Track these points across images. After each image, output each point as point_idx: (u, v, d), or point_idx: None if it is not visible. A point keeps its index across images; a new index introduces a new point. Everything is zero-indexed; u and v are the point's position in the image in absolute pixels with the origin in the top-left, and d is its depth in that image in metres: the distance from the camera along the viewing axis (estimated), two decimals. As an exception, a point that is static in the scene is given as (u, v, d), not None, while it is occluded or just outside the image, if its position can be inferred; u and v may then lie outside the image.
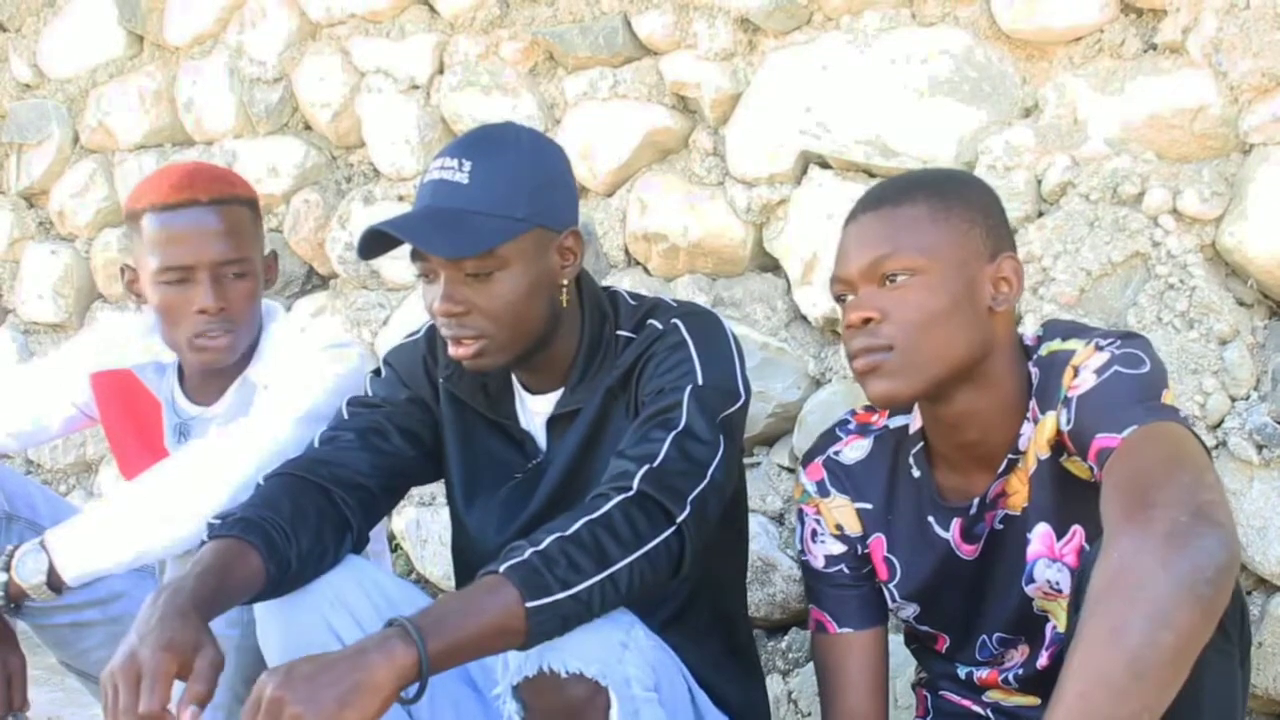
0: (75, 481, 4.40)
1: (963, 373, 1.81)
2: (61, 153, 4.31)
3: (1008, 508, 1.87)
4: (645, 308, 2.12)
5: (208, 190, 2.34)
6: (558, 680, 1.74)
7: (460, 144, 2.04)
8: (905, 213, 1.83)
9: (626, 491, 1.83)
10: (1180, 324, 2.32)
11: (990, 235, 1.84)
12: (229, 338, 2.36)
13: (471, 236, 1.94)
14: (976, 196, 1.89)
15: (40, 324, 4.45)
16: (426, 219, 1.99)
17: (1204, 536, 1.43)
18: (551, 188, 2.03)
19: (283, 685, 1.59)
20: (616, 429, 2.04)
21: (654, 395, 1.98)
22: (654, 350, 2.03)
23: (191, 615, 1.77)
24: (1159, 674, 1.40)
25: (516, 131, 2.09)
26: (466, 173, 1.98)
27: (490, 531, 2.16)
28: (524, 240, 1.98)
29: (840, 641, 2.03)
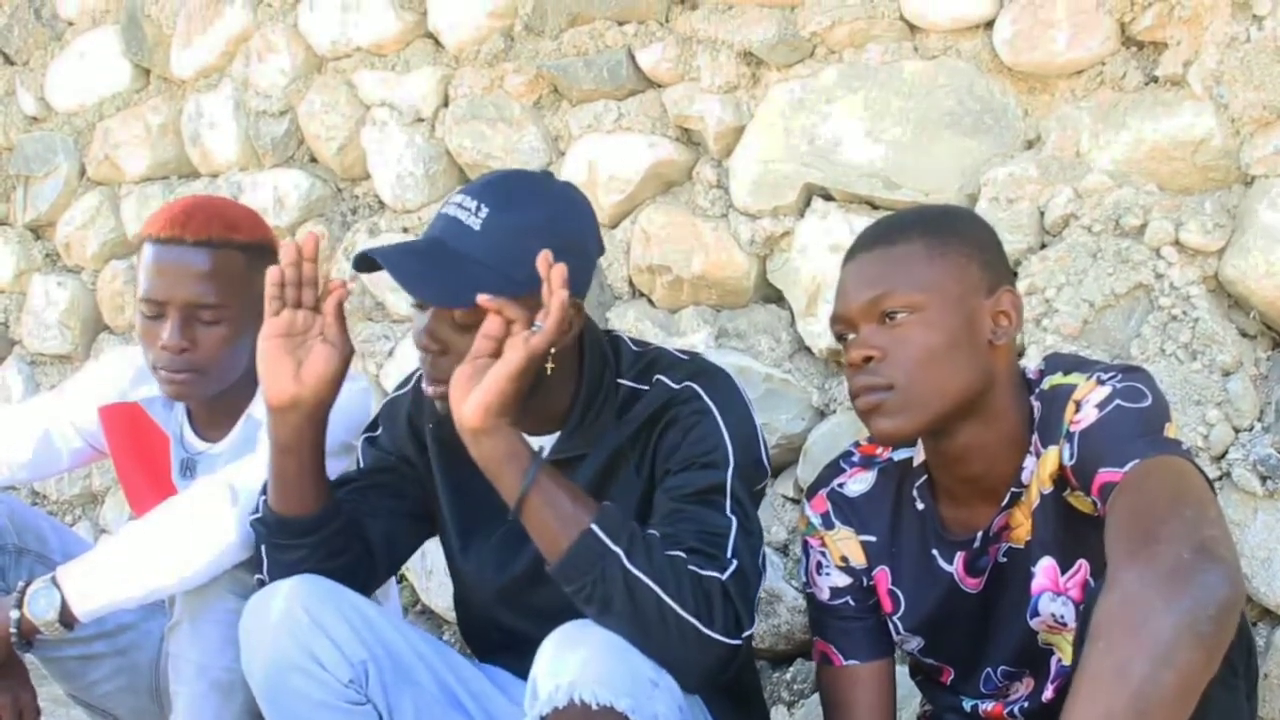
0: (81, 513, 4.41)
1: (964, 407, 1.82)
2: (68, 185, 4.34)
3: (1011, 541, 1.88)
4: (649, 358, 2.11)
5: (199, 231, 2.32)
6: (588, 713, 1.73)
7: (484, 186, 2.00)
8: (902, 250, 1.85)
9: (719, 574, 1.85)
10: (1183, 355, 2.33)
11: (988, 269, 1.86)
12: (190, 377, 2.33)
13: (461, 286, 1.89)
14: (973, 232, 1.91)
15: (46, 355, 4.47)
16: (424, 254, 1.97)
17: (1206, 573, 1.44)
18: (564, 251, 1.91)
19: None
20: (624, 485, 2.03)
21: (684, 465, 1.97)
22: (675, 414, 2.01)
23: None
24: (1162, 712, 1.40)
25: (545, 187, 2.03)
26: (480, 219, 1.94)
27: (489, 573, 2.16)
28: (518, 303, 1.90)
29: (846, 674, 2.04)
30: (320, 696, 1.97)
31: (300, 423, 2.03)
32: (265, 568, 2.07)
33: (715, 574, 1.84)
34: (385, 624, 2.05)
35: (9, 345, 4.60)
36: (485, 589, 2.18)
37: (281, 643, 1.97)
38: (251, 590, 2.06)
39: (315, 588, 2.00)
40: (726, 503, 1.94)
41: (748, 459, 1.99)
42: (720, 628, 1.82)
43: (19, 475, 2.59)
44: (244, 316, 2.36)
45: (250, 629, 2.01)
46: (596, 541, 1.82)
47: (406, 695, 2.04)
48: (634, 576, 1.80)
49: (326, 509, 2.07)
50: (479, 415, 1.85)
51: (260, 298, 2.37)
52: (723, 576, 1.84)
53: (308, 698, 1.97)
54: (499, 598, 2.17)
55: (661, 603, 1.80)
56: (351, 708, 1.99)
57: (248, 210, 2.48)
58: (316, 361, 2.03)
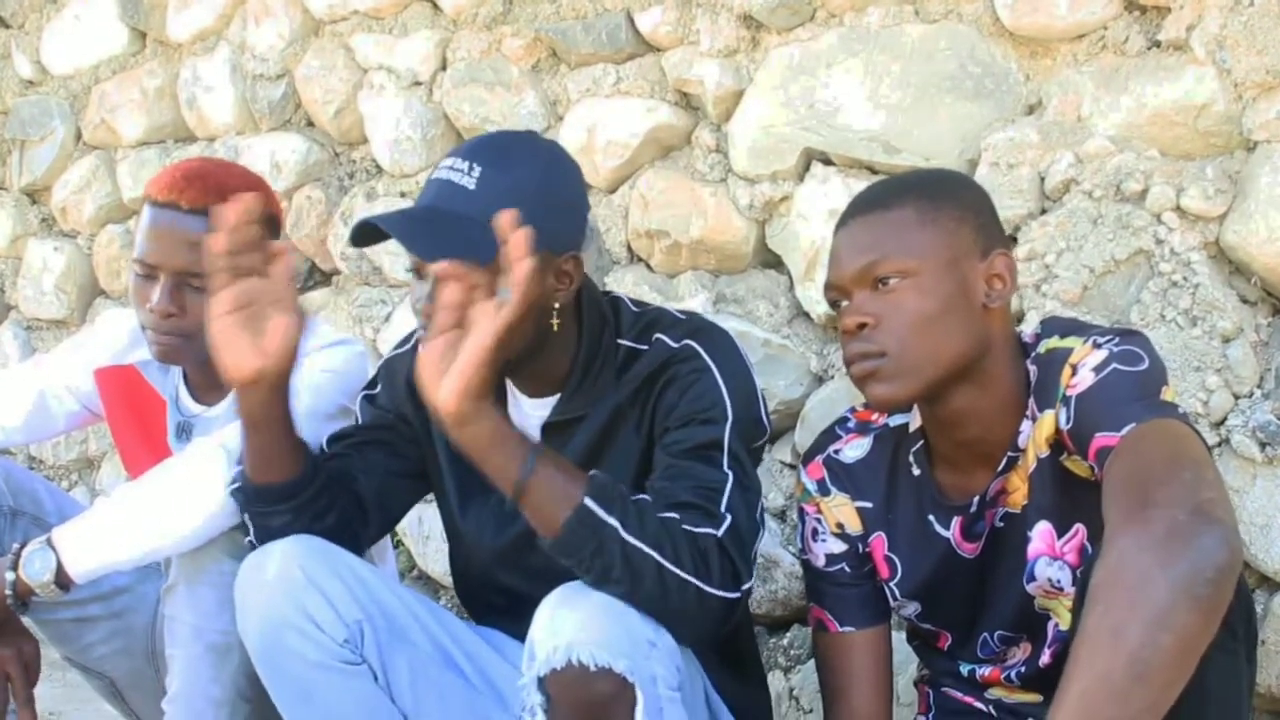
0: (78, 477, 4.41)
1: (959, 372, 1.81)
2: (64, 149, 4.32)
3: (1008, 505, 1.87)
4: (649, 317, 2.11)
5: (196, 199, 2.30)
6: (585, 674, 1.73)
7: (475, 146, 2.01)
8: (894, 216, 1.84)
9: (714, 531, 1.84)
10: (1183, 321, 2.32)
11: (981, 233, 1.85)
12: (177, 341, 2.32)
13: (462, 246, 1.87)
14: (966, 195, 1.90)
15: (42, 320, 4.46)
16: (422, 218, 1.97)
17: (1203, 536, 1.43)
18: (558, 210, 1.97)
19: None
20: (624, 445, 2.03)
21: (683, 422, 1.97)
22: (674, 373, 2.01)
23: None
24: (1160, 675, 1.40)
25: (535, 145, 2.04)
26: (474, 178, 1.94)
27: (488, 535, 2.16)
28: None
29: (842, 640, 2.03)
30: (315, 656, 1.96)
31: (267, 396, 1.98)
32: (252, 533, 2.07)
33: (710, 530, 1.84)
34: (380, 585, 2.04)
35: (5, 310, 4.59)
36: (484, 550, 2.18)
37: (276, 602, 1.96)
38: (246, 552, 2.06)
39: (311, 548, 2.00)
40: (724, 458, 1.93)
41: (746, 415, 1.99)
42: (718, 583, 1.82)
43: (14, 438, 2.59)
44: None
45: (245, 589, 2.00)
46: (591, 516, 1.81)
47: (401, 655, 2.03)
48: (631, 546, 1.79)
49: (304, 473, 2.05)
50: (457, 400, 1.76)
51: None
52: (718, 533, 1.84)
53: (303, 657, 1.96)
54: (498, 558, 2.17)
55: (661, 567, 1.79)
56: (347, 667, 1.98)
57: (253, 178, 2.45)
58: (276, 332, 1.95)
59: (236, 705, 2.22)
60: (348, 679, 2.00)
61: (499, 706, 2.09)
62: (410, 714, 2.06)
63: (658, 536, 1.80)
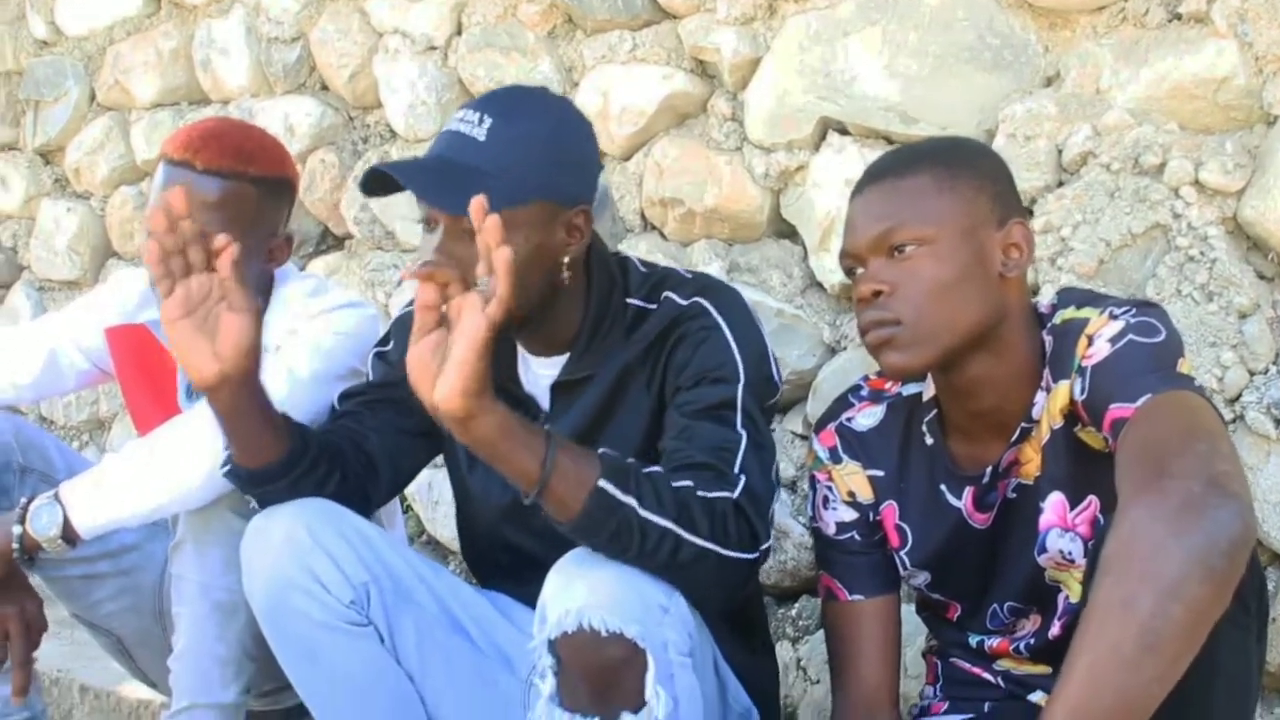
0: (89, 438, 4.41)
1: (974, 341, 1.80)
2: (78, 110, 4.32)
3: (1020, 476, 1.86)
4: (657, 276, 2.11)
5: (211, 160, 2.30)
6: (597, 639, 1.73)
7: (486, 99, 2.02)
8: (910, 183, 1.82)
9: (729, 493, 1.84)
10: (1200, 296, 2.30)
11: (998, 201, 1.84)
12: None
13: (472, 194, 1.82)
14: (983, 163, 1.89)
15: (55, 281, 4.46)
16: (433, 168, 1.97)
17: (1218, 508, 1.42)
18: (568, 163, 1.99)
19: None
20: (633, 403, 2.03)
21: (695, 381, 1.97)
22: (684, 330, 2.01)
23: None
24: (1170, 646, 1.39)
25: (545, 99, 2.06)
26: (485, 129, 1.95)
27: (495, 493, 2.15)
28: (528, 210, 1.93)
29: (851, 609, 2.02)
30: (321, 617, 1.96)
31: (234, 394, 1.96)
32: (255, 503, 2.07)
33: (725, 493, 1.84)
34: (387, 547, 2.04)
35: (18, 271, 4.59)
36: (491, 508, 2.17)
37: (282, 563, 1.96)
38: (253, 511, 2.05)
39: (317, 510, 2.00)
40: (737, 417, 1.93)
41: (758, 374, 1.99)
42: (735, 546, 1.82)
43: (24, 395, 2.58)
44: (248, 248, 2.31)
45: (251, 550, 2.00)
46: (608, 498, 1.78)
47: (408, 617, 2.04)
48: (650, 523, 1.78)
49: (292, 450, 2.02)
50: (458, 399, 1.69)
51: (269, 232, 2.36)
52: (733, 495, 1.84)
53: (308, 618, 1.97)
54: (505, 517, 2.16)
55: (679, 539, 1.79)
56: (352, 628, 1.99)
57: (270, 141, 2.44)
58: (229, 333, 1.92)
59: (242, 664, 2.23)
60: (353, 640, 2.00)
61: (505, 669, 2.09)
62: (416, 676, 2.06)
63: (675, 509, 1.79)
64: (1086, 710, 1.41)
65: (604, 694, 1.77)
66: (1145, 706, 1.41)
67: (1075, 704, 1.41)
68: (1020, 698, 1.95)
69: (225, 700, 2.23)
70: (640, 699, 1.76)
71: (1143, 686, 1.40)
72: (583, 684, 1.78)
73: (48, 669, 3.00)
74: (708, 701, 1.91)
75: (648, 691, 1.76)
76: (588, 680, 1.77)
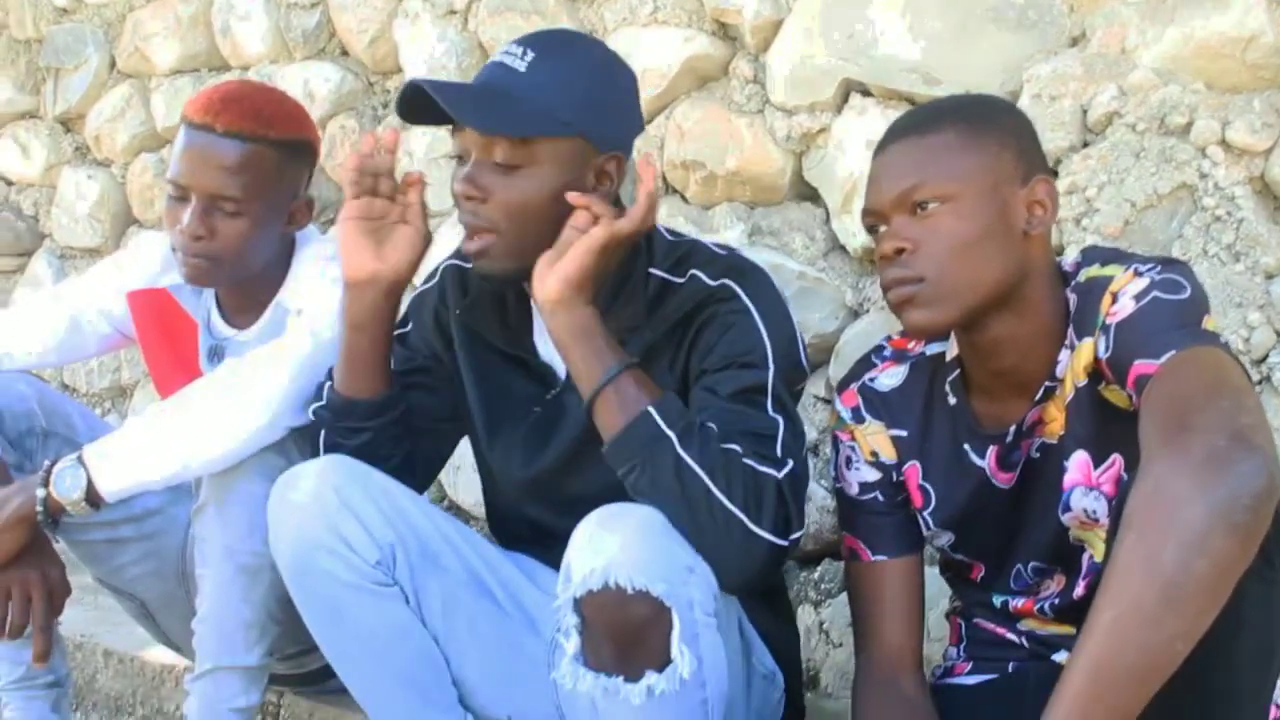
0: (111, 405, 4.42)
1: (997, 299, 1.79)
2: (98, 77, 4.31)
3: (1045, 435, 1.85)
4: (683, 249, 2.08)
5: (231, 123, 2.29)
6: (622, 597, 1.73)
7: (533, 35, 2.04)
8: (934, 140, 1.81)
9: (776, 473, 1.85)
10: (1226, 257, 2.29)
11: (1022, 158, 1.82)
12: (205, 264, 2.32)
13: (507, 117, 1.93)
14: (1007, 120, 1.87)
15: (76, 249, 4.46)
16: (471, 92, 1.99)
17: (1242, 462, 1.41)
18: (606, 105, 2.00)
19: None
20: (656, 380, 1.99)
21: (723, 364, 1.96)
22: (712, 313, 2.00)
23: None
24: (1193, 601, 1.39)
25: (590, 43, 2.09)
26: (526, 62, 1.96)
27: (515, 467, 2.15)
28: (562, 144, 1.95)
29: (874, 569, 2.02)
30: (347, 578, 1.97)
31: (376, 299, 2.07)
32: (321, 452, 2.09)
33: (771, 471, 1.84)
34: (414, 508, 2.05)
35: (39, 238, 4.60)
36: (512, 482, 2.17)
37: (309, 523, 1.97)
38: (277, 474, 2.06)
39: (345, 468, 2.01)
40: (769, 402, 1.93)
41: (788, 361, 1.98)
42: (769, 525, 1.82)
43: (47, 359, 2.58)
44: (267, 212, 2.34)
45: (278, 510, 2.01)
46: (651, 424, 1.83)
47: (433, 579, 2.04)
48: (684, 462, 1.80)
49: (393, 393, 2.11)
50: (557, 286, 1.91)
51: (289, 195, 2.36)
52: (779, 475, 1.84)
53: (335, 578, 1.97)
54: (526, 490, 2.16)
55: (709, 492, 1.79)
56: (378, 589, 1.99)
57: (291, 104, 2.44)
58: (399, 242, 2.07)
59: (266, 626, 2.23)
60: (379, 600, 2.00)
61: (529, 631, 2.10)
62: (441, 637, 2.07)
63: (713, 461, 1.81)
64: (1109, 667, 1.40)
65: (629, 652, 1.77)
66: (1168, 663, 1.41)
67: (1097, 661, 1.41)
68: (1044, 658, 1.94)
69: (249, 663, 2.24)
70: (665, 658, 1.76)
71: (1165, 643, 1.39)
72: (607, 642, 1.78)
73: (71, 634, 3.01)
74: (732, 662, 1.91)
75: (673, 650, 1.76)
76: (613, 639, 1.77)
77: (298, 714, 2.72)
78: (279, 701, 2.75)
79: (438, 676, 2.06)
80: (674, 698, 1.78)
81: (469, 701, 2.11)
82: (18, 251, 4.63)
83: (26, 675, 2.50)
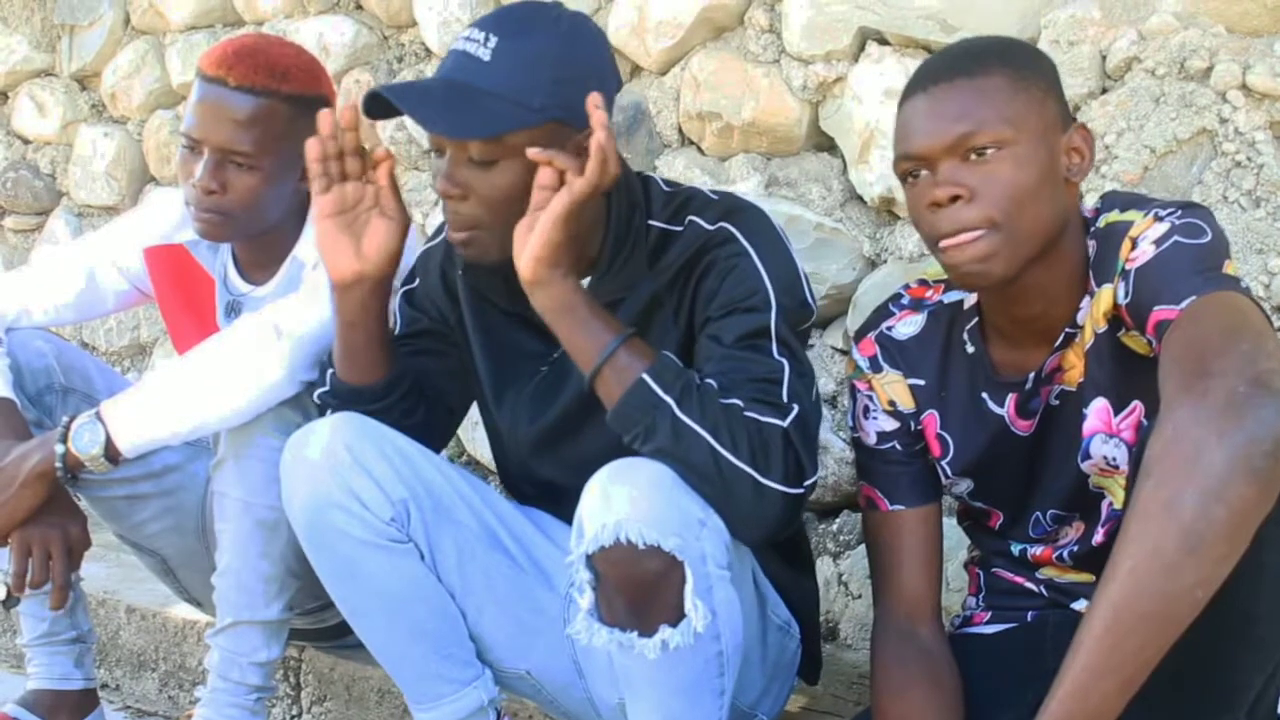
0: (130, 363, 4.43)
1: (1047, 247, 1.76)
2: (113, 34, 4.30)
3: (1063, 383, 1.84)
4: (681, 197, 2.05)
5: (244, 77, 2.28)
6: (634, 552, 1.73)
7: (491, 18, 1.95)
8: (985, 82, 1.75)
9: (780, 421, 1.82)
10: (1247, 202, 2.27)
11: (1060, 104, 1.80)
12: (217, 218, 2.32)
13: (478, 118, 1.87)
14: (1045, 64, 1.84)
15: (94, 206, 4.46)
16: (437, 92, 1.92)
17: (1262, 407, 1.39)
18: (579, 80, 1.90)
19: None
20: (661, 335, 1.99)
21: (725, 310, 1.93)
22: (712, 258, 1.96)
23: None
24: (1213, 549, 1.38)
25: (555, 14, 1.97)
26: (490, 49, 1.89)
27: (523, 424, 2.14)
28: (536, 132, 1.88)
29: (892, 519, 2.00)
30: (361, 534, 1.97)
31: (365, 297, 2.04)
32: None
33: (775, 420, 1.81)
34: (427, 463, 2.04)
35: (57, 197, 4.60)
36: (519, 440, 2.16)
37: (322, 480, 1.97)
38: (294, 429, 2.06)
39: (357, 425, 2.00)
40: (773, 346, 1.90)
41: (791, 300, 1.95)
42: (779, 476, 1.80)
43: (64, 316, 2.58)
44: (280, 167, 2.32)
45: (290, 468, 2.01)
46: (648, 392, 1.81)
47: (448, 534, 2.04)
48: (683, 424, 1.78)
49: (395, 374, 2.09)
50: (530, 267, 1.87)
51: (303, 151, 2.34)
52: (784, 423, 1.82)
53: (348, 535, 1.97)
54: (533, 449, 2.15)
55: (715, 451, 1.78)
56: (393, 545, 1.99)
57: (307, 58, 2.41)
58: (376, 235, 2.03)
59: (285, 580, 2.24)
60: (394, 557, 2.00)
61: (544, 586, 2.09)
62: (457, 592, 2.07)
63: (715, 420, 1.79)
64: (1128, 614, 1.40)
65: (642, 607, 1.77)
66: (1187, 610, 1.41)
67: (1116, 608, 1.41)
68: (1063, 606, 1.93)
69: (269, 617, 2.25)
70: (679, 612, 1.76)
71: (1185, 590, 1.39)
72: (621, 597, 1.78)
73: (94, 591, 3.03)
74: (747, 614, 1.91)
75: (686, 604, 1.76)
76: (626, 594, 1.77)
77: (319, 669, 2.74)
78: (300, 656, 2.76)
79: (455, 631, 2.07)
80: (688, 651, 1.78)
81: (486, 656, 2.11)
82: (36, 210, 4.63)
83: (50, 631, 2.52)
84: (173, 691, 2.95)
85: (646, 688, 1.86)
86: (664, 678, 1.83)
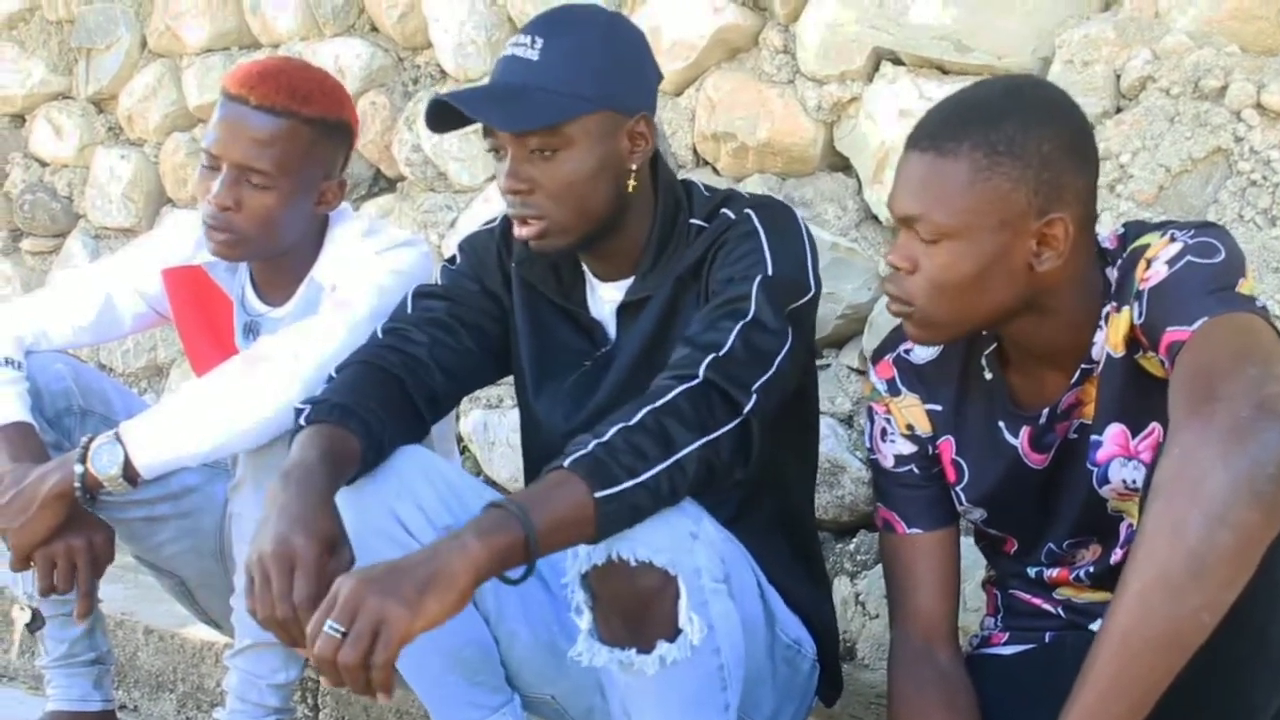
0: (147, 385, 4.44)
1: (999, 321, 1.79)
2: (130, 57, 4.33)
3: (1082, 417, 1.84)
4: (719, 198, 2.12)
5: (265, 97, 2.31)
6: (627, 569, 1.74)
7: (536, 21, 2.04)
8: (947, 167, 1.72)
9: (692, 380, 1.82)
10: (1262, 221, 2.27)
11: (1040, 192, 1.71)
12: (230, 237, 2.34)
13: (532, 111, 1.95)
14: (1037, 143, 1.71)
15: (111, 229, 4.48)
16: (491, 93, 2.01)
17: (1266, 431, 1.41)
18: (624, 70, 2.03)
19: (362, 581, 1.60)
20: (686, 318, 2.03)
21: (723, 284, 1.97)
22: (725, 239, 2.02)
23: (330, 505, 1.83)
24: (1219, 572, 1.39)
25: (594, 12, 2.09)
26: (537, 50, 1.98)
27: (558, 419, 2.15)
28: (589, 120, 1.98)
29: (908, 542, 2.01)
30: None
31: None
32: None
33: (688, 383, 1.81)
34: (470, 491, 2.04)
35: (74, 219, 4.62)
36: (553, 431, 2.16)
37: (368, 505, 1.96)
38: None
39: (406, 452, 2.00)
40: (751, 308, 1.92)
41: (782, 271, 1.97)
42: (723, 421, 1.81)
43: (81, 338, 2.59)
44: (297, 188, 2.35)
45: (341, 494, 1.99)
46: (611, 500, 1.71)
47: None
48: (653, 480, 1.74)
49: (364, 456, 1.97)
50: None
51: (321, 174, 2.37)
52: (697, 377, 1.82)
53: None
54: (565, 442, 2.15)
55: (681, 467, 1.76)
56: None
57: (331, 83, 2.44)
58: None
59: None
60: None
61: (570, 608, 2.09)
62: (492, 619, 2.08)
63: (659, 447, 1.75)
64: (1136, 638, 1.42)
65: (639, 624, 1.77)
66: (1194, 633, 1.42)
67: (1125, 631, 1.43)
68: (1081, 627, 1.92)
69: (287, 638, 2.25)
70: (676, 627, 1.76)
71: (1191, 613, 1.41)
72: (617, 615, 1.78)
73: (112, 612, 3.03)
74: (750, 628, 1.91)
75: (681, 619, 1.76)
76: (622, 611, 1.77)
77: (337, 690, 2.74)
78: (318, 677, 2.76)
79: (488, 658, 2.08)
80: (687, 665, 1.78)
81: (514, 681, 2.13)
82: (53, 232, 4.65)
83: (69, 653, 2.53)
84: (191, 713, 2.95)
85: (651, 706, 1.85)
86: (666, 694, 1.82)
